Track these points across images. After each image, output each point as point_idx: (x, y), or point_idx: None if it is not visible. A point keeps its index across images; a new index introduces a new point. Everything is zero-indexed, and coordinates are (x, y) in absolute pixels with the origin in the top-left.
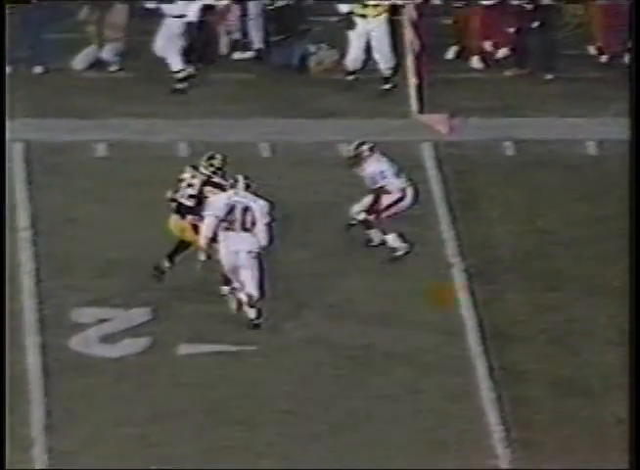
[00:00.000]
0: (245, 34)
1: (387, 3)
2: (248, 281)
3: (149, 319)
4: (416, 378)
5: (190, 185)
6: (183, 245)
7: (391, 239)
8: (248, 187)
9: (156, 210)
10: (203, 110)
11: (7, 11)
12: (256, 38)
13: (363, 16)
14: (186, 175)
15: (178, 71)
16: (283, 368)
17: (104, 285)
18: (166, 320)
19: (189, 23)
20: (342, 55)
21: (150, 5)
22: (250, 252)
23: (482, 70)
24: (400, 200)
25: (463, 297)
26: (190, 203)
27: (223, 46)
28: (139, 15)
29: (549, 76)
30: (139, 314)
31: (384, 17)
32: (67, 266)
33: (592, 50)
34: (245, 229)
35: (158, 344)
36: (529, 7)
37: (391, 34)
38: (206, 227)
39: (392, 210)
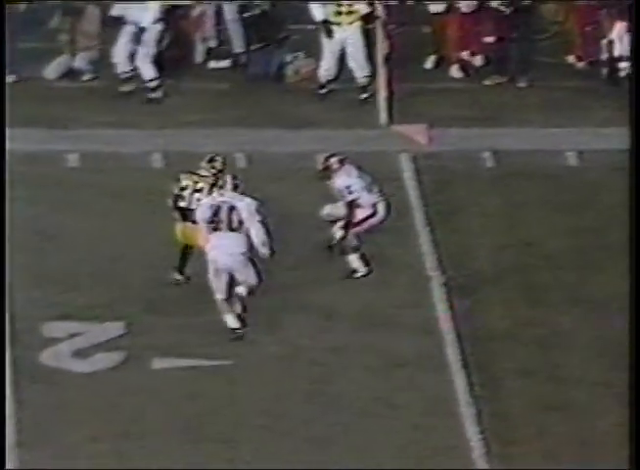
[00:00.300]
0: (221, 42)
1: (361, 9)
2: (243, 278)
3: (122, 333)
4: (395, 393)
5: (197, 190)
6: (187, 251)
7: (353, 259)
8: (236, 187)
9: (129, 221)
10: (177, 120)
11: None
12: (235, 46)
13: (337, 24)
14: (187, 182)
15: (151, 80)
16: (260, 383)
17: (76, 298)
18: (140, 334)
19: (150, 30)
20: (320, 64)
21: (115, 13)
22: (243, 253)
23: (462, 80)
24: (371, 216)
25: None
26: None
27: (198, 54)
28: (111, 23)
29: (528, 84)
30: (112, 328)
31: (358, 25)
32: (38, 279)
33: (571, 59)
34: (231, 229)
35: (131, 358)
36: (507, 11)
37: (366, 43)
38: (202, 233)
39: (362, 226)
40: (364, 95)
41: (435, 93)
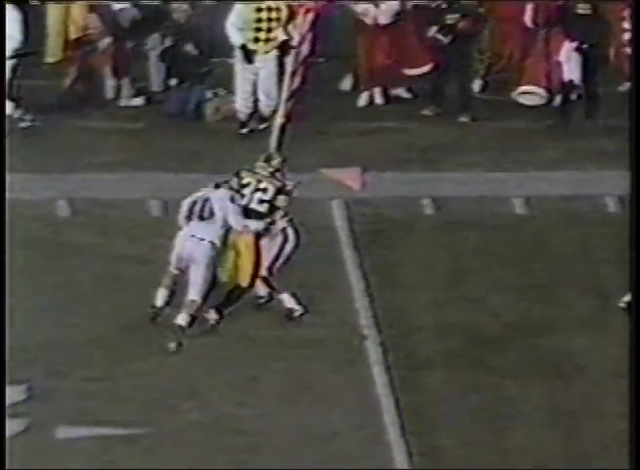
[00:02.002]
0: (134, 77)
1: (279, 36)
2: (194, 282)
3: (23, 398)
4: (328, 464)
5: (259, 190)
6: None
7: (287, 299)
8: (217, 186)
9: (31, 276)
10: (85, 163)
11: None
12: (153, 82)
13: (254, 51)
14: (249, 180)
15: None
16: (179, 453)
17: None
18: (44, 399)
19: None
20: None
21: None
22: (210, 241)
23: (398, 118)
24: (284, 243)
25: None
26: (262, 208)
27: (109, 90)
28: None
29: (470, 120)
30: (12, 393)
31: (273, 54)
32: None
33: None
34: (202, 218)
35: (34, 426)
36: (446, 41)
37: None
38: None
39: (281, 258)
40: (262, 125)
41: (369, 133)
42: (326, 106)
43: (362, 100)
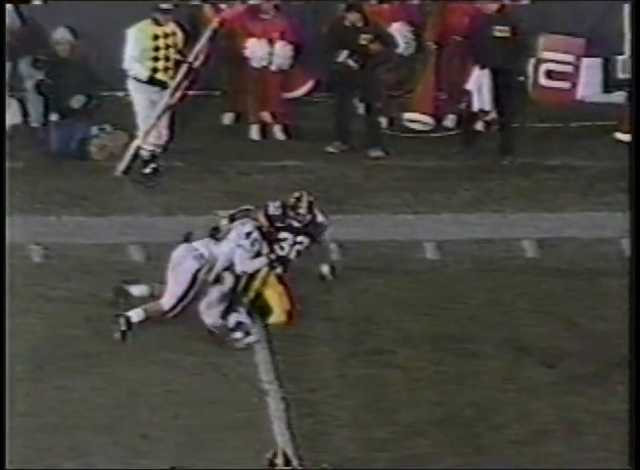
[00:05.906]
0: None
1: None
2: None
3: None
4: None
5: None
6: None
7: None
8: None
9: None
10: None
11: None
12: (32, 116)
13: (161, 82)
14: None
15: None
16: None
17: None
18: None
19: None
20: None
21: None
22: (201, 253)
23: (300, 157)
24: None
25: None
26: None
27: None
28: None
29: (380, 153)
30: None
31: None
32: None
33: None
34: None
35: None
36: (356, 66)
37: None
38: None
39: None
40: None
41: (270, 172)
42: (217, 141)
43: (254, 133)
